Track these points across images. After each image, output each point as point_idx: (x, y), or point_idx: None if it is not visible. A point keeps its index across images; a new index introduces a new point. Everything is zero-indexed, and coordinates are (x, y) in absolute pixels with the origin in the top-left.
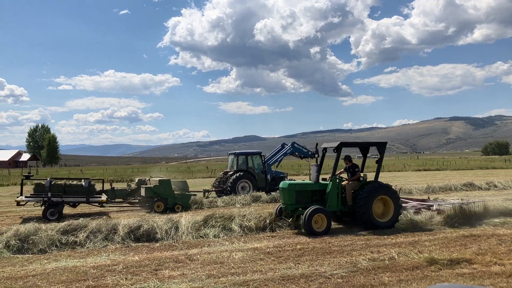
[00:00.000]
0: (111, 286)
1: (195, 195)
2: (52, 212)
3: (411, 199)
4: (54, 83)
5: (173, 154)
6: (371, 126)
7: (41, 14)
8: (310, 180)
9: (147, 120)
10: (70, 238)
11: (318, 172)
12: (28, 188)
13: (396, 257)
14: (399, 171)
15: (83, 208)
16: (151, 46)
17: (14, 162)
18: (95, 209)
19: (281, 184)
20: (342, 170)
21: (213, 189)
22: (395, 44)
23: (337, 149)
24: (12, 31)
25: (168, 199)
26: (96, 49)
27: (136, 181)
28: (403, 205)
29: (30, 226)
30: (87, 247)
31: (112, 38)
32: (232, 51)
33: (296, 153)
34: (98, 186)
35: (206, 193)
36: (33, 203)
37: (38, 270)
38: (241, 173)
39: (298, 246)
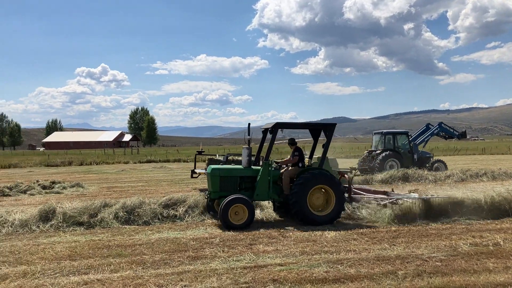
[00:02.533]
0: (209, 257)
1: (351, 172)
2: None
3: (368, 191)
4: (151, 68)
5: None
6: (470, 106)
7: (139, 1)
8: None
9: (236, 102)
10: (170, 211)
11: (250, 156)
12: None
13: (501, 243)
14: (502, 154)
15: None
16: (240, 30)
17: (117, 142)
18: None
19: (207, 169)
20: (289, 156)
21: (359, 168)
22: (499, 17)
23: (272, 131)
24: (113, 19)
25: None
26: (189, 34)
27: None
28: (358, 197)
29: (135, 200)
30: (186, 221)
31: (203, 23)
32: (321, 31)
33: (442, 133)
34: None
35: (354, 171)
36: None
37: (144, 240)
38: (389, 152)
39: (393, 228)
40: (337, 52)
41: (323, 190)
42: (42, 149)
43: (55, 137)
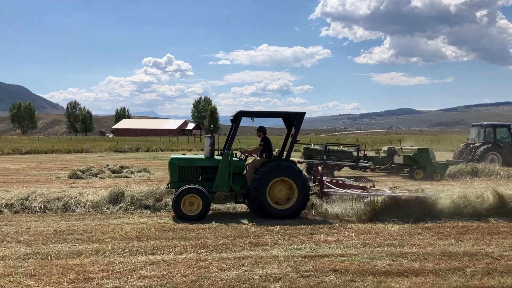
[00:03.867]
0: (270, 244)
1: (453, 164)
2: (326, 174)
3: (343, 185)
4: (214, 58)
5: (322, 126)
6: None
7: None
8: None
9: (297, 92)
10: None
11: (213, 145)
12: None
13: None
14: None
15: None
16: (302, 19)
17: (181, 130)
18: (349, 172)
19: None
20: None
21: (456, 160)
22: None
23: (235, 120)
24: (178, 10)
25: (426, 167)
26: (251, 24)
27: (386, 149)
28: (330, 191)
29: None
30: (247, 208)
31: (265, 13)
32: (386, 19)
33: None
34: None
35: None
36: (301, 163)
37: (207, 225)
38: (490, 145)
39: (460, 224)
40: (403, 41)
41: (287, 182)
42: (111, 135)
43: (123, 124)
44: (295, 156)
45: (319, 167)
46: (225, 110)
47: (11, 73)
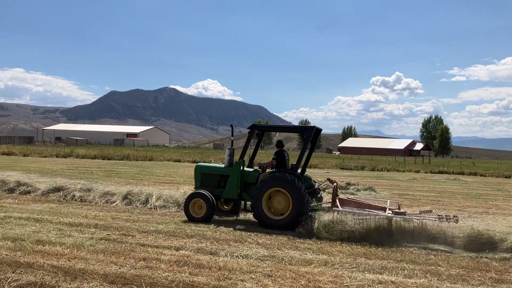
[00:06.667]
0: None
1: None
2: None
3: (360, 204)
4: (447, 75)
5: None
6: None
7: (435, 7)
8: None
9: None
10: None
11: (232, 156)
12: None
13: None
14: None
15: None
16: None
17: (408, 151)
18: None
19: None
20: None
21: None
22: None
23: (249, 133)
24: (408, 27)
25: None
26: (492, 36)
27: None
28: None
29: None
30: None
31: (511, 22)
32: None
33: None
34: None
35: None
36: None
37: (437, 252)
38: None
39: None
40: None
41: (286, 194)
42: (337, 153)
43: (349, 142)
44: None
45: (335, 183)
46: (458, 130)
47: (253, 95)
